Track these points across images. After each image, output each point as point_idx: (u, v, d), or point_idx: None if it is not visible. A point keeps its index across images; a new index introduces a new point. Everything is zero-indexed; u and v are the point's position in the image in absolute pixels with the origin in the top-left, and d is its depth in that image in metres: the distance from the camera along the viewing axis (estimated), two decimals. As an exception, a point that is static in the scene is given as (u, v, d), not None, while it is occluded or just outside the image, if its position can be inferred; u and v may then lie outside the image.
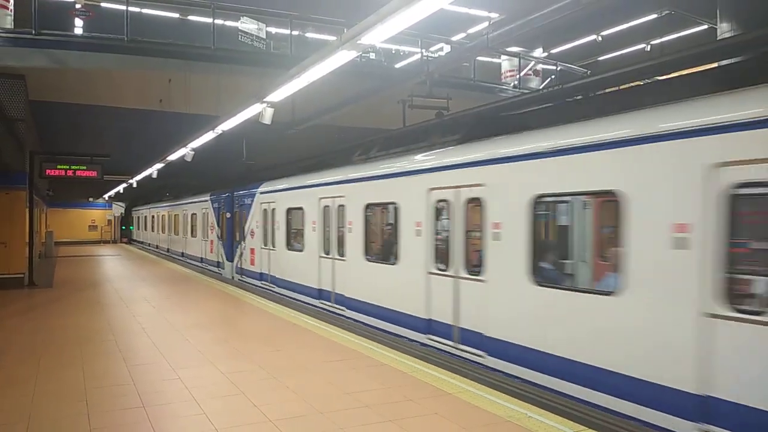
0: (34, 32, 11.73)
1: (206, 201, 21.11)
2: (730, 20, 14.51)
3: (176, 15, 17.78)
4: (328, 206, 11.31)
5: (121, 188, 31.62)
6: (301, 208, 12.61)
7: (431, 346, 7.82)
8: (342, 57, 6.59)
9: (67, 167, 15.18)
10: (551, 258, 6.73)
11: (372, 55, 17.14)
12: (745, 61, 6.62)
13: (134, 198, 41.09)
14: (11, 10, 13.03)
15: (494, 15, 16.53)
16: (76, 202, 42.96)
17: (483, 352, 6.97)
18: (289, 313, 10.17)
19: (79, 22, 15.01)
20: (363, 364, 6.62)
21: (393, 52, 19.52)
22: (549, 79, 18.91)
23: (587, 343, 5.60)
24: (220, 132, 11.80)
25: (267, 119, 9.24)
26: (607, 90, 7.67)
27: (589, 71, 17.90)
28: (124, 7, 12.26)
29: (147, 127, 18.01)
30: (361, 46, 6.16)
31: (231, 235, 17.95)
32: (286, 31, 14.49)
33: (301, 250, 12.66)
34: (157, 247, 32.64)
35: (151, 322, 9.33)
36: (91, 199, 43.59)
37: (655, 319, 4.95)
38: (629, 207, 5.20)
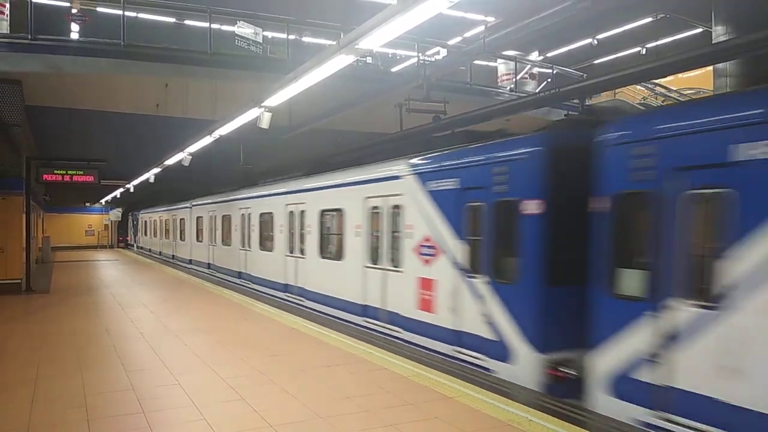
0: (29, 37, 11.69)
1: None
2: (725, 23, 14.57)
3: (172, 20, 17.78)
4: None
5: (117, 193, 31.57)
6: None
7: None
8: (340, 61, 6.60)
9: (64, 172, 15.14)
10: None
11: (369, 59, 17.18)
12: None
13: (131, 203, 40.99)
14: (7, 15, 13.01)
15: (491, 19, 16.60)
16: (73, 207, 42.80)
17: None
18: (287, 317, 10.16)
19: (75, 27, 15.00)
20: (362, 368, 6.62)
21: (390, 56, 19.57)
22: (545, 82, 18.97)
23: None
24: (217, 137, 11.80)
25: (265, 124, 9.23)
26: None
27: (585, 74, 17.97)
28: (120, 12, 12.24)
29: (144, 132, 17.97)
30: (359, 50, 6.16)
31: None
32: (283, 36, 14.50)
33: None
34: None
35: (149, 327, 9.30)
36: (88, 204, 43.46)
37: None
38: (345, 216, 10.34)
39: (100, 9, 14.41)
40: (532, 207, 6.07)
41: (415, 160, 8.50)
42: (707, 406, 4.27)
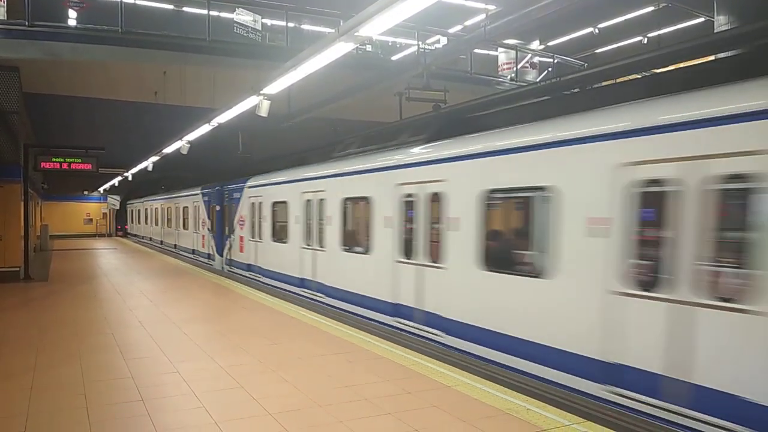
0: (27, 23, 11.63)
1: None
2: (726, 13, 14.49)
3: (171, 6, 17.66)
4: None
5: (116, 181, 31.50)
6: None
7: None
8: (339, 49, 6.55)
9: (62, 160, 15.08)
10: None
11: (369, 48, 17.09)
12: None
13: (130, 191, 40.93)
14: (4, 2, 12.91)
15: (491, 7, 16.49)
16: (71, 195, 42.71)
17: None
18: (286, 306, 10.17)
19: (72, 14, 14.90)
20: (361, 357, 6.63)
21: (390, 44, 19.46)
22: (546, 71, 18.89)
23: None
24: (216, 125, 11.75)
25: (264, 112, 9.19)
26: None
27: (586, 64, 17.88)
28: (118, -1, 12.16)
29: (142, 120, 17.94)
30: (359, 38, 6.11)
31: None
32: (282, 23, 14.42)
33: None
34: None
35: (148, 316, 9.31)
36: (86, 192, 43.36)
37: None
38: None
39: (98, -5, 14.29)
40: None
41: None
42: None
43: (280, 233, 13.74)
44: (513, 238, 7.31)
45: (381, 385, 5.53)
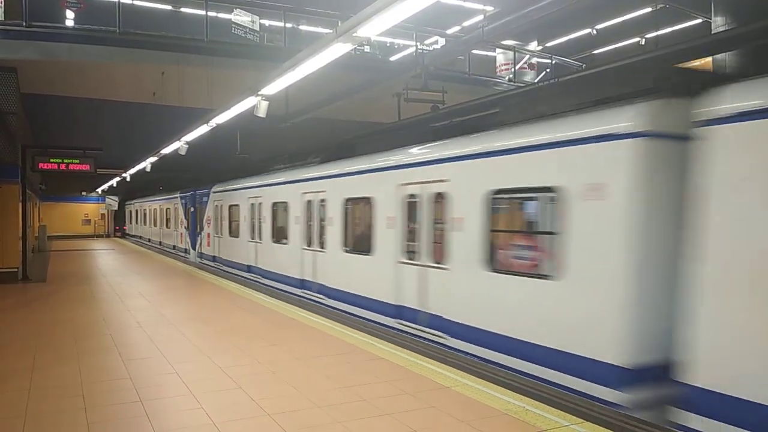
0: (24, 24, 11.60)
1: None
2: (724, 14, 14.51)
3: (169, 7, 17.64)
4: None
5: (114, 182, 31.48)
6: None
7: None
8: (337, 50, 6.55)
9: (60, 161, 15.08)
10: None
11: (367, 48, 17.08)
12: None
13: (128, 192, 40.96)
14: (1, 2, 12.89)
15: (489, 8, 16.48)
16: (69, 196, 42.67)
17: None
18: (285, 307, 10.17)
19: (70, 14, 14.88)
20: (360, 357, 6.63)
21: (388, 45, 19.46)
22: (544, 72, 18.91)
23: None
24: (214, 125, 11.74)
25: (262, 112, 9.19)
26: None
27: (584, 64, 17.91)
28: (116, -1, 12.15)
29: (140, 121, 17.88)
30: (357, 38, 6.11)
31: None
32: (280, 24, 14.41)
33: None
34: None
35: (146, 317, 9.30)
36: (84, 193, 43.32)
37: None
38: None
39: (95, -4, 14.27)
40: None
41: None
42: None
43: (235, 230, 17.07)
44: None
45: (379, 386, 5.54)
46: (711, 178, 4.48)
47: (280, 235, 13.76)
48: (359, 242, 10.22)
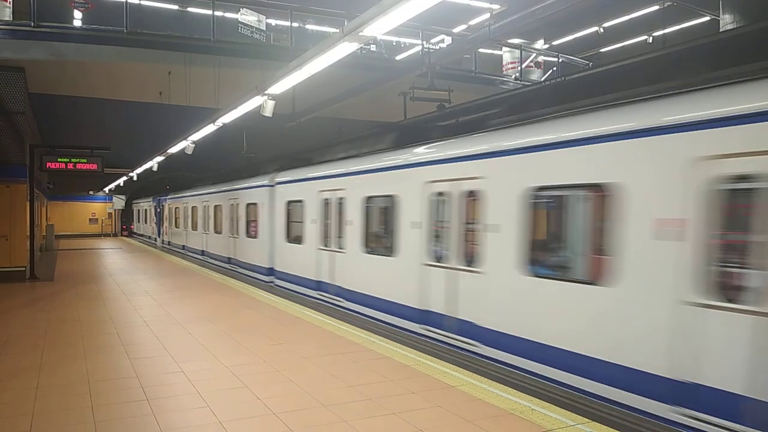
0: (33, 24, 11.68)
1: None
2: (732, 12, 14.42)
3: (175, 7, 17.70)
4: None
5: (121, 181, 31.63)
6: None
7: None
8: (343, 49, 6.55)
9: (68, 160, 15.12)
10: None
11: (373, 47, 17.08)
12: None
13: (136, 191, 41.23)
14: (10, 2, 12.96)
15: (496, 6, 16.43)
16: (76, 195, 42.90)
17: None
18: (290, 305, 10.18)
19: (78, 14, 14.95)
20: (365, 356, 6.63)
21: (394, 44, 19.45)
22: (551, 71, 18.85)
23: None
24: (221, 125, 11.77)
25: (268, 112, 9.20)
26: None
27: (590, 63, 17.83)
28: (123, -1, 12.20)
29: (147, 120, 17.97)
30: (363, 38, 6.12)
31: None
32: (286, 23, 14.43)
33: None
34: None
35: (152, 315, 9.34)
36: (91, 192, 43.54)
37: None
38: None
39: (103, -4, 14.34)
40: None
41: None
42: None
43: (185, 225, 25.61)
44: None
45: (385, 385, 5.53)
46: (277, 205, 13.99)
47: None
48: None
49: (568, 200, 6.40)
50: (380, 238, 9.95)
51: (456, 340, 7.51)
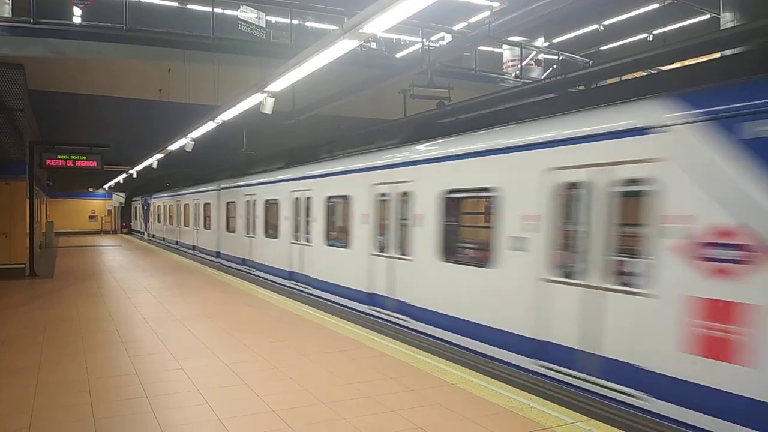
0: (32, 21, 11.66)
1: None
2: (733, 10, 14.39)
3: (175, 4, 17.68)
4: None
5: (121, 178, 31.62)
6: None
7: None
8: (343, 46, 6.55)
9: (67, 157, 15.11)
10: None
11: (373, 45, 17.06)
12: None
13: (135, 188, 41.36)
14: (9, -1, 12.96)
15: (496, 4, 16.42)
16: (76, 193, 42.91)
17: None
18: (290, 303, 10.19)
19: (77, 11, 14.93)
20: (364, 354, 6.64)
21: (394, 41, 19.43)
22: (551, 68, 18.83)
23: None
24: (220, 122, 11.76)
25: (268, 109, 9.20)
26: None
27: (591, 61, 17.82)
28: (122, -4, 12.18)
29: (147, 117, 17.95)
30: (363, 35, 6.12)
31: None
32: (286, 20, 14.41)
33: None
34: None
35: (152, 313, 9.34)
36: (91, 190, 43.55)
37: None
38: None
39: (102, -8, 14.32)
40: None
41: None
42: None
43: (164, 220, 30.49)
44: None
45: (384, 383, 5.54)
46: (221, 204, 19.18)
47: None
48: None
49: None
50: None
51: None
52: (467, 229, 8.60)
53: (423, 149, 8.80)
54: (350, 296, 10.38)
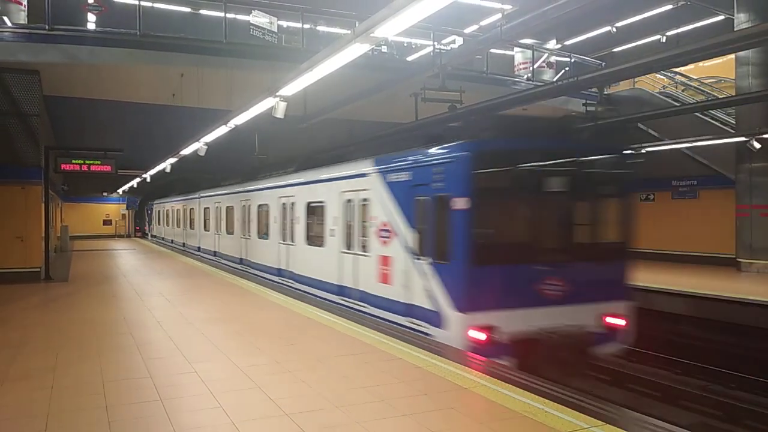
0: (47, 27, 11.80)
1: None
2: (747, 10, 14.26)
3: (188, 9, 17.83)
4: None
5: (134, 183, 31.90)
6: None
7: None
8: (355, 50, 6.56)
9: (82, 162, 15.26)
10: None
11: (384, 48, 17.09)
12: None
13: (149, 192, 41.67)
14: (25, 6, 13.12)
15: (507, 7, 16.39)
16: (90, 197, 43.32)
17: None
18: (303, 306, 10.20)
19: (91, 17, 15.10)
20: (377, 358, 6.63)
21: (405, 45, 19.45)
22: (563, 71, 18.75)
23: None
24: (233, 126, 11.82)
25: (280, 113, 9.23)
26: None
27: (603, 63, 17.71)
28: (136, 2, 12.31)
29: (160, 122, 18.09)
30: (374, 39, 6.11)
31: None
32: (298, 25, 14.48)
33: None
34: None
35: (166, 316, 9.40)
36: (105, 194, 43.94)
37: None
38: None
39: (116, -1, 14.48)
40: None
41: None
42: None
43: (164, 222, 35.51)
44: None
45: (397, 386, 5.53)
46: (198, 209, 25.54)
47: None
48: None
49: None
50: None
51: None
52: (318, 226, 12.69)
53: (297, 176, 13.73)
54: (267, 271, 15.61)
